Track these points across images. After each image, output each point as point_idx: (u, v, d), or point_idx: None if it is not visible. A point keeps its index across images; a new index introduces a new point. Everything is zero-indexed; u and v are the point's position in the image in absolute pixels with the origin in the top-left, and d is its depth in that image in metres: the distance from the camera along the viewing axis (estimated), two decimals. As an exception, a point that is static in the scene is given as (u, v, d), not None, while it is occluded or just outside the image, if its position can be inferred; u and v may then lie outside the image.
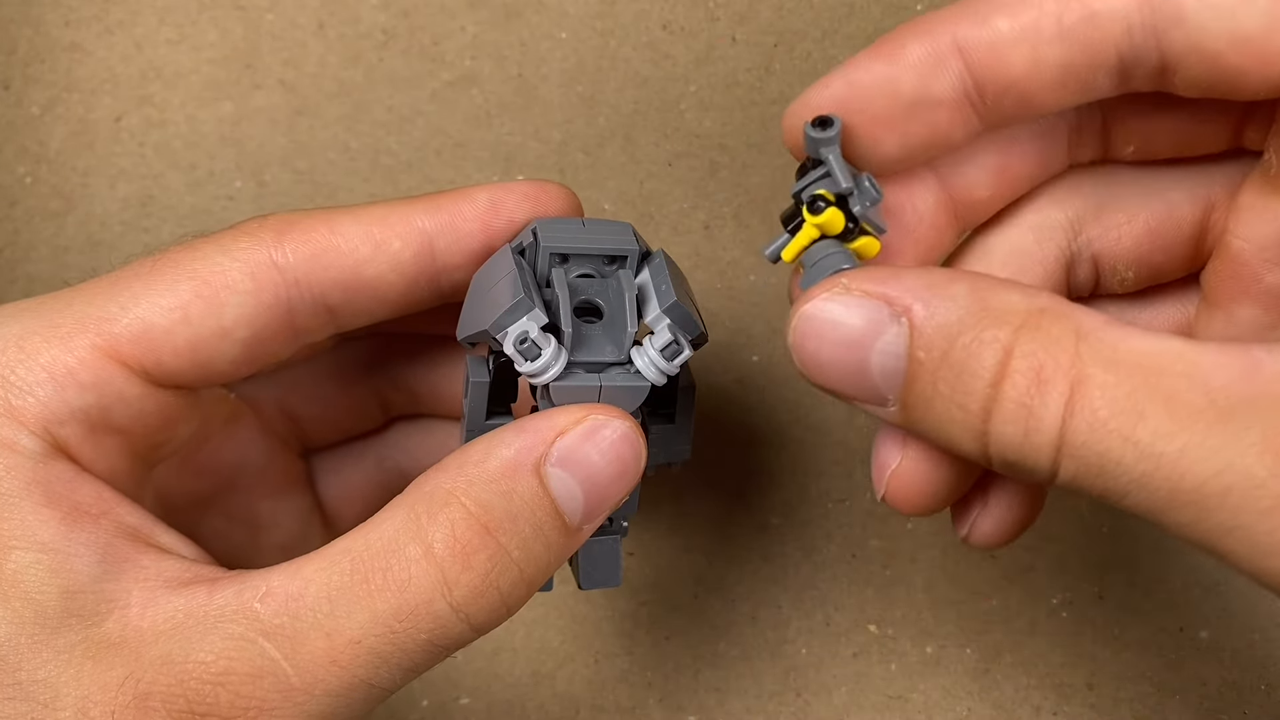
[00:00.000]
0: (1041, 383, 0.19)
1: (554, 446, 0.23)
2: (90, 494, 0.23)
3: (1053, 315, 0.19)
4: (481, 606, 0.23)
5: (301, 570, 0.22)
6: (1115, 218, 0.24)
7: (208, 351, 0.24)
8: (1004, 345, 0.19)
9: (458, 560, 0.22)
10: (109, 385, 0.23)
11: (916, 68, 0.21)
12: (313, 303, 0.25)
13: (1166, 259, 0.24)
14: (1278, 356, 0.17)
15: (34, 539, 0.22)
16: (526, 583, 0.23)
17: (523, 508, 0.23)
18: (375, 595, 0.22)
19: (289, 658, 0.21)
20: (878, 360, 0.21)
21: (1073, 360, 0.19)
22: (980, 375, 0.19)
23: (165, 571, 0.23)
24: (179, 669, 0.21)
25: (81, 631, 0.22)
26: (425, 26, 0.37)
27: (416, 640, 0.22)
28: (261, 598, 0.22)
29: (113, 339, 0.23)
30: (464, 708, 0.37)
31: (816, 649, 0.37)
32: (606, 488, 0.23)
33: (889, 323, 0.20)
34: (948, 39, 0.21)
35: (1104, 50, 0.20)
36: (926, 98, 0.21)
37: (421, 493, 0.23)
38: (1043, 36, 0.20)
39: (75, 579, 0.22)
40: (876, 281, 0.21)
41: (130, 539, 0.23)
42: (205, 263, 0.24)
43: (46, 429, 0.22)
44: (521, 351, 0.23)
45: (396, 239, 0.25)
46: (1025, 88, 0.21)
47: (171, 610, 0.22)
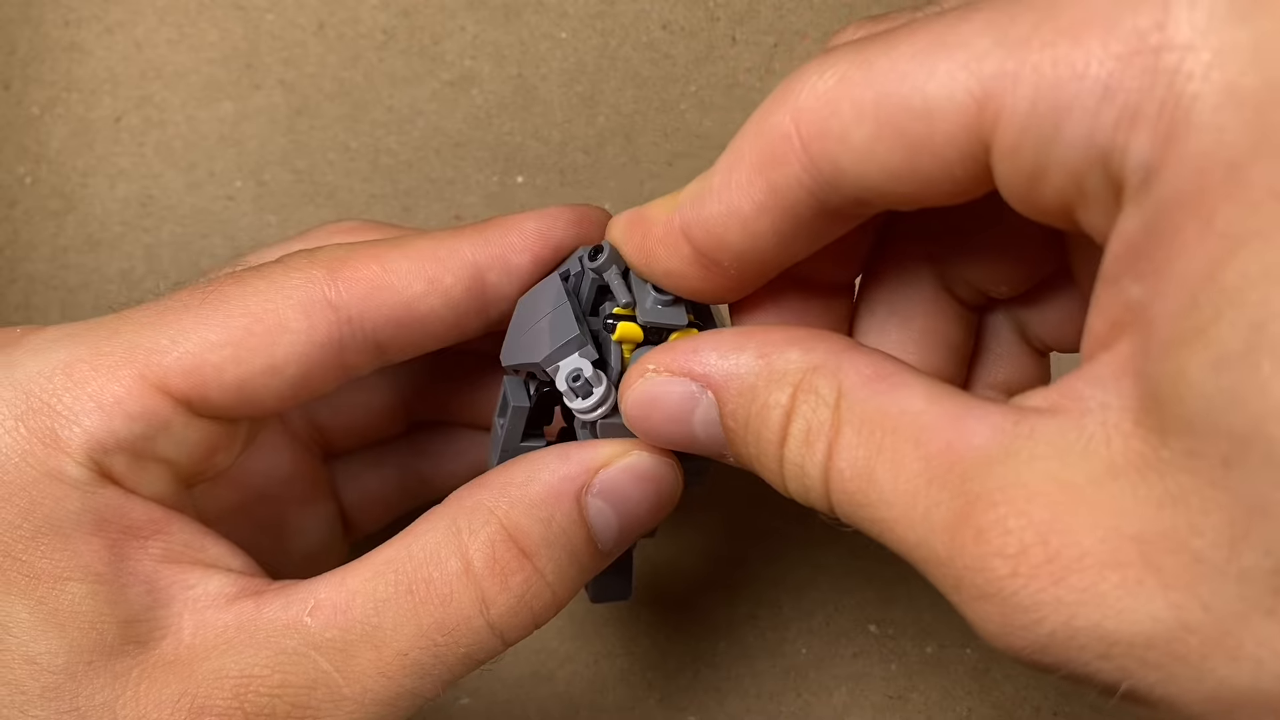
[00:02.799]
0: (809, 444, 0.20)
1: (597, 478, 0.24)
2: (141, 515, 0.23)
3: (823, 373, 0.20)
4: (515, 624, 0.23)
5: (346, 581, 0.23)
6: (964, 244, 0.24)
7: (256, 388, 0.24)
8: (784, 409, 0.21)
9: (496, 580, 0.23)
10: (156, 416, 0.23)
11: (666, 267, 0.23)
12: (364, 340, 0.25)
13: (1030, 266, 0.24)
14: (982, 424, 0.18)
15: (89, 570, 0.22)
16: (557, 603, 0.24)
17: (560, 535, 0.23)
18: (420, 609, 0.23)
19: (340, 669, 0.22)
20: (701, 430, 0.22)
21: (831, 419, 0.20)
22: (770, 439, 0.21)
23: (212, 589, 0.23)
24: (234, 682, 0.22)
25: (138, 656, 0.22)
26: (425, 26, 0.37)
27: (456, 654, 0.23)
28: (311, 611, 0.22)
29: (162, 371, 0.23)
30: (464, 708, 0.37)
31: (816, 649, 0.37)
32: (641, 520, 0.24)
33: (699, 395, 0.22)
34: (677, 233, 0.22)
35: (801, 209, 0.21)
36: (685, 277, 0.23)
37: (463, 506, 0.23)
38: (745, 214, 0.21)
39: (130, 608, 0.22)
40: (678, 357, 0.22)
41: (178, 559, 0.23)
42: (258, 299, 0.24)
43: (92, 458, 0.22)
44: (574, 389, 0.24)
45: (449, 274, 0.25)
46: (755, 254, 0.22)
47: (221, 626, 0.22)
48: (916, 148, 0.18)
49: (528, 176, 0.37)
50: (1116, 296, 0.17)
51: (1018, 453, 0.17)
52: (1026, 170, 0.18)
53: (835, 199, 0.20)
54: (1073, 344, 0.26)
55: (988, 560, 0.17)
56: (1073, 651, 0.16)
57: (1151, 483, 0.16)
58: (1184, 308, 0.15)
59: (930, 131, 0.18)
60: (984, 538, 0.17)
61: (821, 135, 0.19)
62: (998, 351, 0.26)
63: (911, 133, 0.18)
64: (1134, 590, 0.16)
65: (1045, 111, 0.17)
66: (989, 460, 0.18)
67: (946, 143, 0.18)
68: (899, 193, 0.19)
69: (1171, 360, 0.16)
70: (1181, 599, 0.16)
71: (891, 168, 0.19)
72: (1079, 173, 0.17)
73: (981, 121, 0.17)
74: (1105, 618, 0.16)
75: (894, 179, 0.19)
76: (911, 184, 0.19)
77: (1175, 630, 0.16)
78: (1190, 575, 0.15)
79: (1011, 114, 0.17)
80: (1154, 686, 0.16)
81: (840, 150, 0.19)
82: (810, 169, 0.20)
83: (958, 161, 0.18)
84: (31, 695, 0.21)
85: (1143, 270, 0.16)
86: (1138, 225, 0.16)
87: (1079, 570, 0.16)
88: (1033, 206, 0.18)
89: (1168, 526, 0.16)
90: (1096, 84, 0.16)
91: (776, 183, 0.20)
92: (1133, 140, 0.16)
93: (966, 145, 0.18)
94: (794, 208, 0.21)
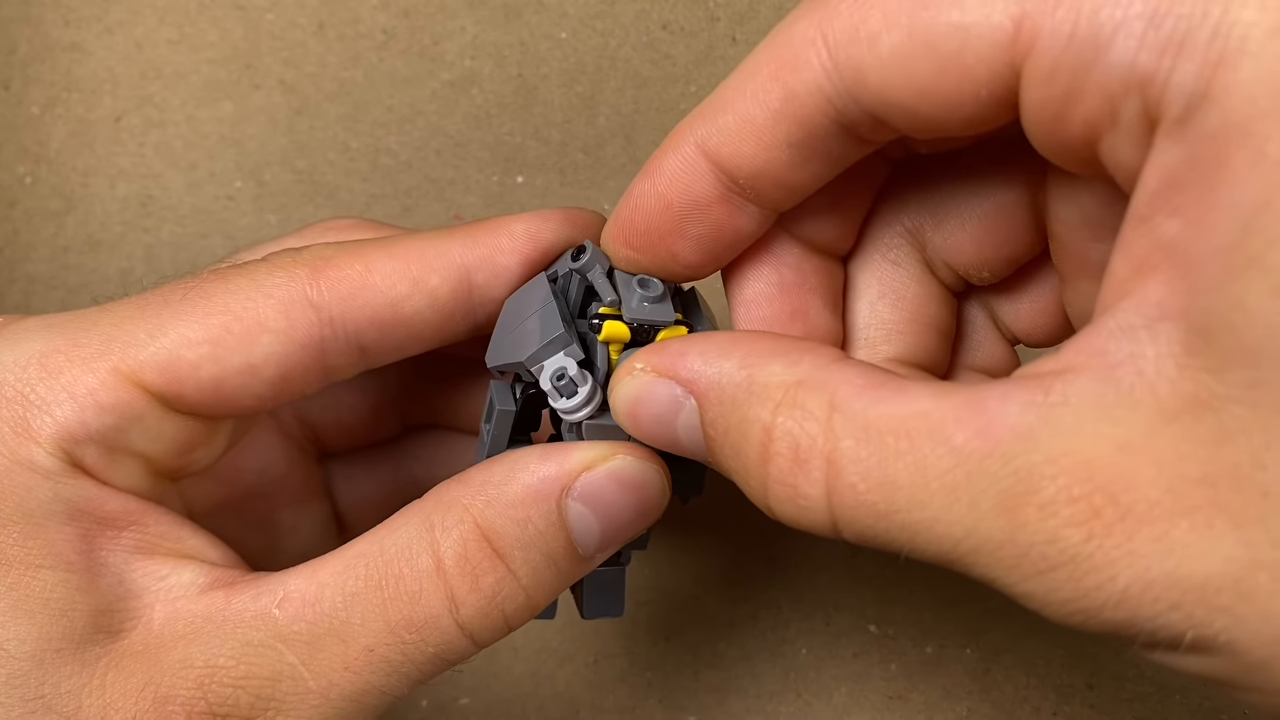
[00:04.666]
0: (800, 462, 0.19)
1: (578, 480, 0.23)
2: (115, 505, 0.23)
3: (809, 387, 0.19)
4: (485, 626, 0.23)
5: (317, 574, 0.22)
6: (949, 224, 0.24)
7: (233, 387, 0.23)
8: (764, 425, 0.20)
9: (466, 580, 0.22)
10: (129, 409, 0.23)
11: (674, 178, 0.22)
12: (346, 341, 0.24)
13: (1013, 249, 0.24)
14: (1008, 404, 0.17)
15: (60, 558, 0.22)
16: (532, 607, 0.23)
17: (536, 537, 0.23)
18: (389, 604, 0.22)
19: (306, 662, 0.22)
20: (684, 434, 0.22)
21: (826, 435, 0.19)
22: (750, 455, 0.20)
23: (185, 579, 0.23)
24: (199, 672, 0.22)
25: (107, 645, 0.22)
26: (425, 26, 0.37)
27: (424, 652, 0.22)
28: (279, 603, 0.22)
29: (137, 365, 0.23)
30: (464, 708, 0.37)
31: (816, 649, 0.37)
32: (625, 526, 0.24)
33: (683, 400, 0.21)
34: (691, 144, 0.22)
35: (818, 122, 0.20)
36: (695, 203, 0.22)
37: (439, 502, 0.23)
38: (760, 123, 0.21)
39: (102, 597, 0.22)
40: (665, 358, 0.22)
41: (152, 550, 0.23)
42: (238, 297, 0.23)
43: (63, 448, 0.22)
44: (559, 388, 0.23)
45: (434, 275, 0.24)
46: (770, 172, 0.21)
47: (191, 616, 0.22)
48: (945, 63, 0.18)
49: (528, 176, 0.37)
50: (1147, 236, 0.17)
51: (1060, 421, 0.17)
52: (1058, 95, 0.17)
53: (853, 112, 0.20)
54: (1042, 337, 0.26)
55: (1059, 531, 0.17)
56: (1145, 605, 0.16)
57: (1208, 422, 0.16)
58: (1236, 237, 0.15)
59: (962, 48, 0.18)
60: (1050, 510, 0.17)
61: (849, 41, 0.19)
62: (975, 338, 0.26)
63: (943, 47, 0.18)
64: (1204, 533, 0.16)
65: (1085, 35, 0.17)
66: (1031, 435, 0.17)
67: (977, 60, 0.18)
68: (918, 112, 0.19)
69: (1224, 291, 0.15)
70: (1252, 535, 0.15)
71: (917, 82, 0.19)
72: (1115, 98, 0.17)
73: (1017, 42, 0.17)
74: (1179, 564, 0.16)
75: (917, 94, 0.19)
76: (933, 103, 0.19)
77: (1246, 569, 0.16)
78: (1259, 510, 0.15)
79: (1051, 36, 0.17)
80: (1220, 632, 0.16)
81: (867, 57, 0.19)
82: (833, 75, 0.19)
83: (985, 82, 0.18)
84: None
85: (1181, 205, 0.16)
86: (1178, 158, 0.16)
87: (1150, 521, 0.16)
88: (1054, 137, 0.18)
89: (1230, 464, 0.16)
90: (1145, 8, 0.16)
91: (795, 88, 0.20)
92: (1178, 68, 0.16)
93: (997, 66, 0.18)
94: (810, 118, 0.20)
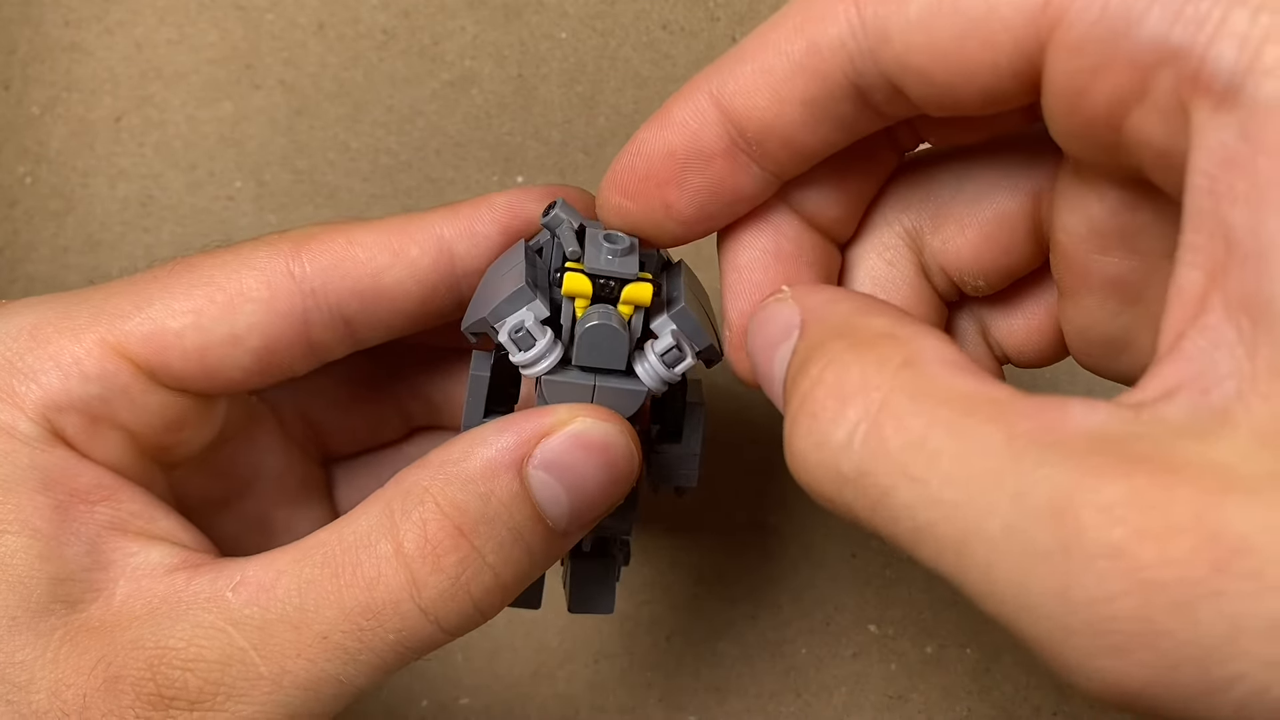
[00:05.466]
0: (841, 397, 0.18)
1: (538, 448, 0.22)
2: (90, 479, 0.23)
3: (892, 340, 0.18)
4: (451, 610, 0.22)
5: (276, 561, 0.22)
6: (949, 228, 0.24)
7: (218, 357, 0.24)
8: (829, 356, 0.19)
9: (427, 561, 0.22)
10: (114, 379, 0.23)
11: (682, 125, 0.22)
12: (329, 313, 0.24)
13: (1012, 260, 0.24)
14: (1094, 413, 0.16)
15: (27, 524, 0.22)
16: (502, 588, 0.23)
17: (500, 510, 0.22)
18: (344, 591, 0.22)
19: (257, 647, 0.22)
20: (778, 363, 0.21)
21: (881, 383, 0.17)
22: (802, 384, 0.19)
23: (153, 559, 0.23)
24: (149, 653, 0.21)
25: (64, 617, 0.22)
26: (425, 26, 0.37)
27: (385, 640, 0.22)
28: (234, 587, 0.22)
29: (122, 335, 0.23)
30: (464, 708, 0.37)
31: (816, 649, 0.37)
32: (594, 493, 0.23)
33: (793, 329, 0.21)
34: (705, 94, 0.21)
35: (835, 79, 0.20)
36: (699, 152, 0.22)
37: (400, 488, 0.23)
38: (778, 74, 0.20)
39: (65, 566, 0.22)
40: (801, 293, 0.21)
41: (124, 527, 0.23)
42: (222, 270, 0.24)
43: (46, 415, 0.22)
44: (515, 340, 0.23)
45: (414, 246, 0.25)
46: (780, 128, 0.21)
47: (150, 595, 0.22)
48: (970, 28, 0.18)
49: (528, 176, 0.37)
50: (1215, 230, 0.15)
51: (1148, 433, 0.15)
52: (1087, 67, 0.17)
53: (872, 74, 0.20)
54: (1033, 356, 0.25)
55: (1128, 543, 0.14)
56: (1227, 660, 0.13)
57: None
58: None
59: (989, 14, 0.18)
60: (1118, 516, 0.14)
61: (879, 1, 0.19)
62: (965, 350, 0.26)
63: (970, 11, 0.18)
64: None
65: (1119, 6, 0.16)
66: (1109, 437, 0.15)
67: (1004, 28, 0.18)
68: (936, 78, 0.19)
69: None
70: None
71: (940, 45, 0.18)
72: (1146, 70, 0.16)
73: (1046, 12, 0.17)
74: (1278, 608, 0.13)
75: (939, 60, 0.19)
76: (951, 70, 0.19)
77: None
78: None
79: (1084, 6, 0.17)
80: None
81: (893, 16, 0.19)
82: (858, 32, 0.19)
83: (1008, 51, 0.18)
84: None
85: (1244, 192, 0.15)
86: (1231, 135, 0.15)
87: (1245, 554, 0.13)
88: (1076, 114, 0.18)
89: None
90: None
91: (818, 41, 0.20)
92: (1218, 41, 0.15)
93: (1022, 36, 0.18)
94: (829, 74, 0.20)
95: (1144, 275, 0.21)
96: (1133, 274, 0.21)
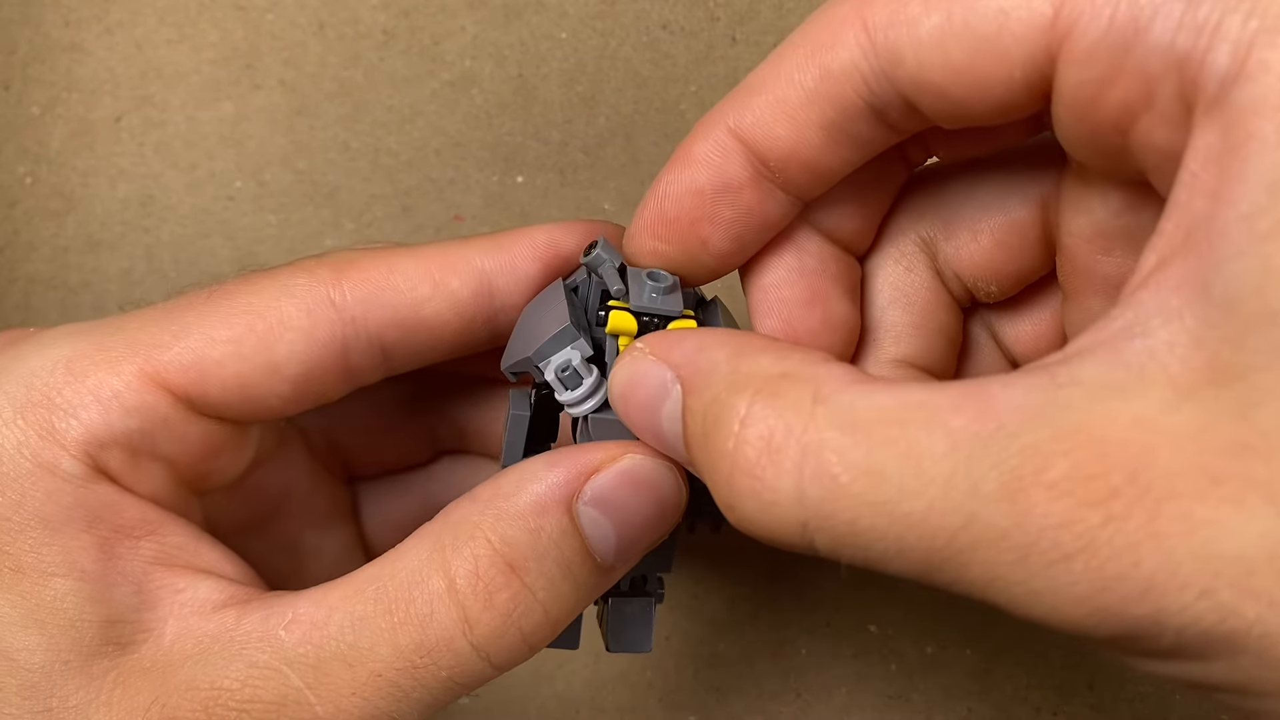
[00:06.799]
0: (771, 451, 0.18)
1: (588, 484, 0.22)
2: (134, 514, 0.23)
3: (793, 380, 0.19)
4: (502, 646, 0.22)
5: (327, 598, 0.22)
6: (961, 235, 0.24)
7: (257, 386, 0.24)
8: (739, 414, 0.19)
9: (480, 598, 0.22)
10: (154, 411, 0.23)
11: (707, 162, 0.22)
12: (368, 342, 0.24)
13: (1022, 265, 0.24)
14: (1011, 389, 0.17)
15: (75, 566, 0.22)
16: (552, 623, 0.23)
17: (550, 547, 0.22)
18: (398, 629, 0.22)
19: (312, 687, 0.21)
20: (666, 424, 0.21)
21: (806, 426, 0.18)
22: (720, 446, 0.19)
23: (200, 595, 0.23)
24: (204, 694, 0.21)
25: (116, 659, 0.22)
26: (425, 26, 0.37)
27: (437, 677, 0.22)
28: (287, 625, 0.22)
29: (161, 366, 0.23)
30: (464, 708, 0.37)
31: (816, 649, 0.37)
32: (640, 530, 0.23)
33: (671, 385, 0.21)
34: (723, 128, 0.22)
35: (851, 102, 0.21)
36: (726, 185, 0.22)
37: (449, 523, 0.23)
38: (794, 103, 0.21)
39: (114, 608, 0.22)
40: (664, 340, 0.21)
41: (170, 562, 0.23)
42: (260, 297, 0.24)
43: (88, 452, 0.22)
44: (562, 380, 0.23)
45: (455, 278, 0.25)
46: (801, 153, 0.22)
47: (200, 634, 0.22)
48: (982, 44, 0.19)
49: (528, 176, 0.37)
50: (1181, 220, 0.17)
51: (1069, 400, 0.16)
52: (1096, 77, 0.18)
53: (886, 93, 0.20)
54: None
55: (1074, 512, 0.15)
56: (1172, 594, 0.15)
57: (1231, 392, 0.15)
58: (1261, 205, 0.15)
59: (1000, 30, 0.18)
60: (1062, 489, 0.16)
61: (889, 24, 0.20)
62: (977, 357, 0.26)
63: (981, 29, 0.19)
64: (1235, 508, 0.15)
65: (1125, 18, 0.17)
66: (1038, 414, 0.16)
67: (1015, 43, 0.18)
68: (951, 93, 0.19)
69: (1249, 257, 0.15)
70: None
71: (953, 62, 0.19)
72: (1152, 79, 0.17)
73: (1055, 26, 0.18)
74: (1208, 542, 0.15)
75: (953, 75, 0.19)
76: (966, 85, 0.19)
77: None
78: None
79: (1091, 20, 0.17)
80: (1254, 623, 0.15)
81: (905, 37, 0.19)
82: (870, 55, 0.20)
83: (1020, 63, 0.19)
84: (7, 692, 0.21)
85: (1208, 183, 0.16)
86: (1214, 137, 0.16)
87: (1174, 498, 0.15)
88: (1085, 122, 0.19)
89: (1259, 433, 0.15)
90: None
91: (831, 67, 0.20)
92: (1214, 48, 0.16)
93: (1033, 49, 0.18)
94: (844, 97, 0.21)
95: None
96: None
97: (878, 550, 0.17)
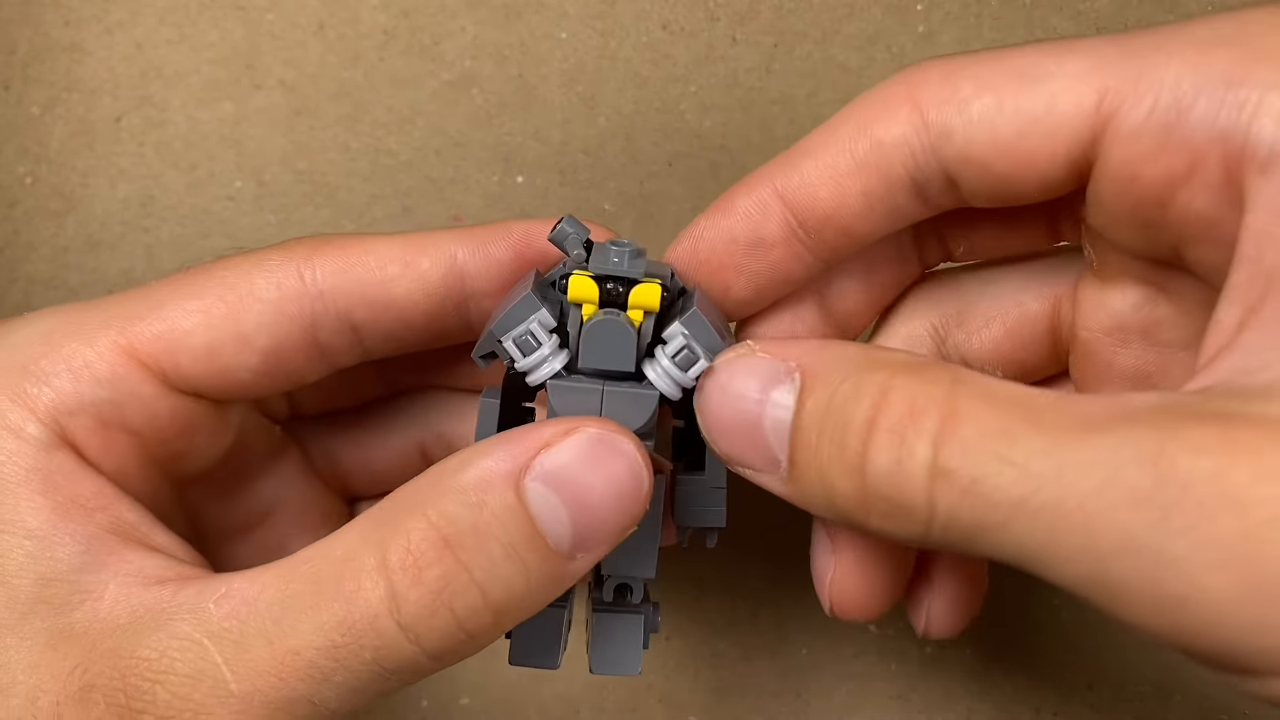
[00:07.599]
0: (915, 413, 0.19)
1: (537, 459, 0.21)
2: (90, 488, 0.23)
3: (932, 364, 0.20)
4: (432, 628, 0.20)
5: (263, 574, 0.21)
6: (974, 323, 0.26)
7: (226, 357, 0.24)
8: (881, 384, 0.20)
9: (409, 574, 0.20)
10: (124, 382, 0.23)
11: (746, 217, 0.24)
12: (337, 318, 0.25)
13: (1028, 355, 0.26)
14: (1145, 395, 0.18)
15: (21, 525, 0.22)
16: (492, 609, 0.21)
17: (493, 524, 0.21)
18: (322, 605, 0.20)
19: (229, 662, 0.20)
20: (770, 414, 0.21)
21: (946, 395, 0.19)
22: (858, 413, 0.20)
23: (147, 568, 0.22)
24: (123, 662, 0.21)
25: (49, 619, 0.21)
26: (425, 26, 0.37)
27: (360, 658, 0.20)
28: (218, 599, 0.21)
29: (134, 336, 0.23)
30: (464, 708, 0.37)
31: (816, 649, 0.37)
32: (599, 510, 0.21)
33: (783, 378, 0.21)
34: (769, 188, 0.23)
35: (896, 173, 0.22)
36: (760, 240, 0.24)
37: (392, 500, 0.22)
38: (841, 170, 0.22)
39: (54, 567, 0.22)
40: (777, 344, 0.22)
41: (122, 535, 0.23)
42: (233, 272, 0.24)
43: (55, 419, 0.23)
44: (519, 345, 0.23)
45: (426, 259, 0.25)
46: (838, 218, 0.23)
47: (136, 604, 0.22)
48: (1030, 126, 0.20)
49: (528, 176, 0.37)
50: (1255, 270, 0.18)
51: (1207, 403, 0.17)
52: (1140, 154, 0.20)
53: (931, 168, 0.22)
54: None
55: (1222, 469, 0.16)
56: None
57: None
58: None
59: (1048, 112, 0.20)
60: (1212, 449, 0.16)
61: (940, 101, 0.21)
62: None
63: (1030, 111, 0.21)
64: None
65: (1168, 103, 0.19)
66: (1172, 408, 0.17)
67: (1062, 124, 0.20)
68: (996, 169, 0.21)
69: None
70: None
71: (1002, 141, 0.21)
72: (1196, 151, 0.19)
73: (1100, 110, 0.20)
74: None
75: (1000, 153, 0.21)
76: (1011, 161, 0.21)
77: None
78: None
79: (1134, 106, 0.20)
80: None
81: (956, 116, 0.21)
82: (920, 130, 0.21)
83: (1065, 143, 0.20)
84: None
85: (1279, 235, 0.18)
86: (1274, 193, 0.18)
87: None
88: (1127, 194, 0.20)
89: None
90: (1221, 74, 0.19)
91: (883, 139, 0.22)
92: (1257, 120, 0.18)
93: (1080, 129, 0.20)
94: (891, 169, 0.22)
95: (1161, 366, 0.24)
96: (1150, 365, 0.24)
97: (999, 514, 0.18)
